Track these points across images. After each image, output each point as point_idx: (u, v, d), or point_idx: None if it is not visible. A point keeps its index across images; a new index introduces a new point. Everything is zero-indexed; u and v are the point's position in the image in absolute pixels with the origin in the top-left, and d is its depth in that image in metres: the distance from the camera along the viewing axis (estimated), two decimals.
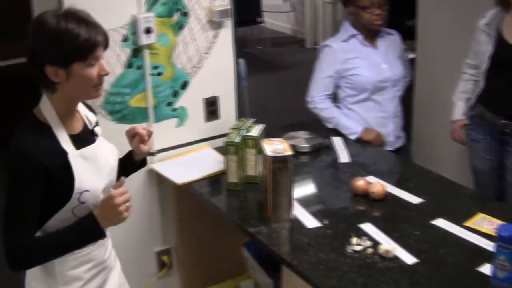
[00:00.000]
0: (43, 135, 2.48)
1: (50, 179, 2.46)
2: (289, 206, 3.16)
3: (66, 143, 2.53)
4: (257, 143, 3.48)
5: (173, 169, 3.79)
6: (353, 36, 4.20)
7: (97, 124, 2.76)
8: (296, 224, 3.16)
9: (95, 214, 2.55)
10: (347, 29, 4.23)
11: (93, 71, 2.47)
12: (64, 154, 2.50)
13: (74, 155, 2.53)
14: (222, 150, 3.67)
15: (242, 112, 4.20)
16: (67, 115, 2.56)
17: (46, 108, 2.51)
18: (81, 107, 2.70)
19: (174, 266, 4.14)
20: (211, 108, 4.02)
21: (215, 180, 3.66)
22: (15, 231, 2.46)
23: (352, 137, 4.11)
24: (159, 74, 3.82)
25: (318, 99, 4.21)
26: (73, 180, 2.51)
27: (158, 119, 3.86)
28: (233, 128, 3.60)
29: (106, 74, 2.53)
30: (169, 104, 3.89)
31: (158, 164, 3.88)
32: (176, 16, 3.80)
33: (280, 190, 3.12)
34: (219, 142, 3.91)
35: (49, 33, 2.39)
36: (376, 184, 3.36)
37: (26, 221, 2.49)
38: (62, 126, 2.53)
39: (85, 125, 2.68)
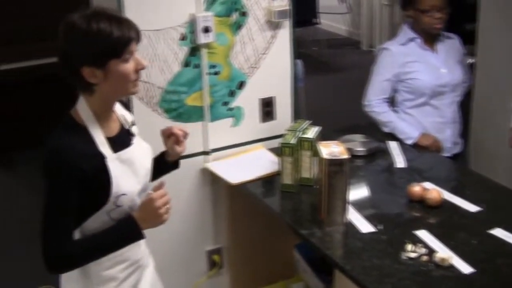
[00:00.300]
0: (80, 137, 2.48)
1: (87, 182, 2.45)
2: (344, 209, 3.13)
3: (103, 145, 2.52)
4: (313, 145, 3.46)
5: (227, 168, 3.79)
6: (412, 39, 4.15)
7: (133, 123, 2.76)
8: (350, 228, 3.13)
9: (135, 217, 2.56)
10: (406, 32, 4.19)
11: (130, 67, 2.46)
12: (101, 157, 2.50)
13: (112, 159, 2.52)
14: (277, 151, 3.64)
15: (298, 113, 4.18)
16: (104, 116, 2.56)
17: (83, 110, 2.51)
18: (117, 107, 2.70)
19: (225, 265, 4.14)
20: (267, 108, 4.01)
21: (269, 181, 3.64)
22: (54, 234, 2.47)
23: (409, 142, 4.06)
24: (216, 73, 3.81)
25: (375, 102, 4.17)
26: (110, 184, 2.51)
27: (214, 118, 3.86)
28: (289, 130, 3.58)
29: (143, 68, 2.52)
30: (225, 103, 3.89)
31: (212, 164, 3.88)
32: (234, 16, 3.79)
33: (335, 193, 3.10)
34: (274, 143, 3.90)
35: (82, 34, 2.39)
36: (433, 191, 3.31)
37: (65, 224, 2.49)
38: (99, 128, 2.53)
39: (121, 126, 2.68)
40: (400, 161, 3.82)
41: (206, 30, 3.67)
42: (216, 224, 4.07)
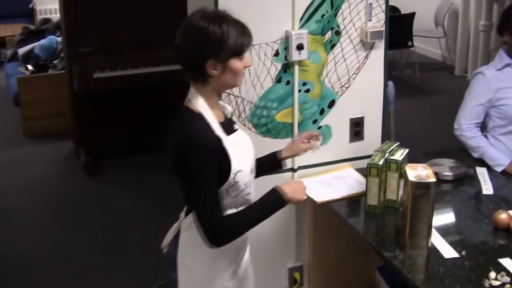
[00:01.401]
0: (200, 123, 2.82)
1: (215, 161, 2.79)
2: (428, 233, 3.11)
3: (218, 129, 2.84)
4: (400, 167, 3.45)
5: (314, 186, 3.79)
6: (508, 65, 4.10)
7: (232, 114, 3.09)
8: (433, 252, 3.11)
9: (278, 189, 2.92)
10: (502, 57, 4.13)
11: (242, 64, 2.84)
12: (219, 139, 2.82)
13: (227, 140, 2.84)
14: (363, 171, 3.64)
15: (387, 135, 4.17)
16: (213, 104, 2.89)
17: (197, 99, 2.85)
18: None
19: (305, 283, 4.15)
20: (356, 128, 4.01)
21: (354, 201, 3.64)
22: (211, 210, 2.80)
23: (498, 169, 4.00)
24: (307, 91, 3.84)
25: (466, 126, 4.13)
26: (229, 162, 2.82)
27: None
28: (377, 151, 3.58)
29: (249, 66, 2.93)
30: (315, 121, 3.91)
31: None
32: (328, 35, 3.82)
33: (419, 216, 3.08)
34: (362, 163, 3.87)
35: (215, 35, 2.73)
36: None
37: (216, 198, 2.83)
38: (212, 114, 2.86)
39: (224, 115, 2.99)
40: (488, 188, 3.77)
41: (300, 47, 3.70)
42: (299, 241, 4.09)
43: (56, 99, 7.70)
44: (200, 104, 2.84)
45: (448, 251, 3.11)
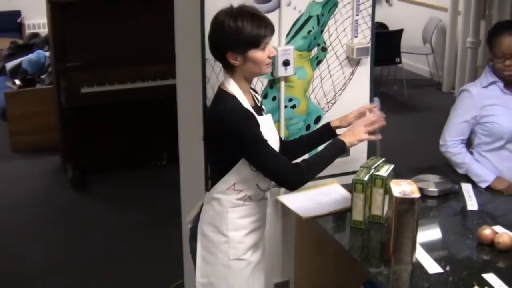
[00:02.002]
0: (236, 102, 3.14)
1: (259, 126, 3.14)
2: (412, 249, 3.12)
3: (250, 109, 3.16)
4: (385, 183, 3.46)
5: (299, 202, 3.80)
6: (493, 82, 4.12)
7: (262, 103, 3.42)
8: (418, 268, 3.12)
9: (342, 138, 3.35)
10: (488, 75, 4.15)
11: (264, 54, 3.12)
12: (254, 114, 3.15)
13: (258, 118, 3.15)
14: (349, 187, 3.66)
15: (372, 150, 4.19)
16: (244, 90, 3.20)
17: (229, 83, 3.18)
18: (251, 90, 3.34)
19: None
20: None
21: (339, 217, 3.65)
22: (282, 167, 3.17)
23: (483, 185, 4.02)
24: (293, 106, 3.86)
25: (451, 143, 4.15)
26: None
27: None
28: (363, 166, 3.59)
29: (274, 55, 3.21)
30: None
31: (284, 196, 3.90)
32: (315, 51, 3.84)
33: (404, 232, 3.09)
34: (348, 179, 3.89)
35: (230, 28, 3.04)
36: (503, 234, 3.28)
37: (276, 151, 3.21)
38: (244, 97, 3.18)
39: (255, 102, 3.30)
40: (472, 204, 3.79)
41: (286, 63, 3.72)
42: (284, 257, 4.09)
43: (43, 114, 7.70)
44: (232, 87, 3.16)
45: (432, 267, 3.12)
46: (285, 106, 3.84)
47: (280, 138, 3.50)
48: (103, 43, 6.71)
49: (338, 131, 3.52)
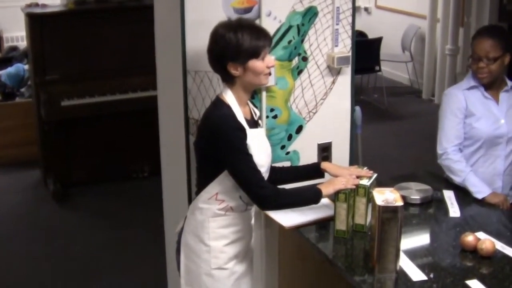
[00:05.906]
0: (230, 112, 3.24)
1: (245, 139, 3.24)
2: (396, 257, 3.13)
3: (242, 121, 3.25)
4: (368, 191, 3.47)
5: (282, 212, 3.77)
6: (475, 87, 4.13)
7: (260, 118, 3.52)
8: (402, 275, 3.12)
9: (320, 187, 3.40)
10: (470, 79, 4.16)
11: (264, 64, 3.24)
12: (243, 127, 3.23)
13: (249, 131, 3.26)
14: (332, 196, 3.65)
15: (354, 159, 4.19)
16: (241, 102, 3.31)
17: (227, 93, 3.29)
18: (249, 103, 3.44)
19: None
20: (324, 154, 4.03)
21: (322, 226, 3.64)
22: (255, 177, 3.23)
23: (479, 196, 3.98)
24: (274, 116, 3.87)
25: (451, 149, 4.09)
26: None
27: (271, 161, 3.89)
28: None
29: (273, 65, 3.34)
30: (283, 147, 3.93)
31: None
32: (295, 61, 3.84)
33: (388, 240, 3.09)
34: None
35: (231, 40, 3.17)
36: (486, 240, 3.29)
37: (257, 169, 3.24)
38: (239, 109, 3.27)
39: (251, 115, 3.39)
40: (454, 211, 3.80)
41: None
42: (268, 266, 4.08)
43: (23, 127, 7.66)
44: (229, 97, 3.27)
45: (416, 274, 3.12)
46: (267, 116, 3.84)
47: None
48: (82, 55, 6.70)
49: (326, 175, 3.60)
